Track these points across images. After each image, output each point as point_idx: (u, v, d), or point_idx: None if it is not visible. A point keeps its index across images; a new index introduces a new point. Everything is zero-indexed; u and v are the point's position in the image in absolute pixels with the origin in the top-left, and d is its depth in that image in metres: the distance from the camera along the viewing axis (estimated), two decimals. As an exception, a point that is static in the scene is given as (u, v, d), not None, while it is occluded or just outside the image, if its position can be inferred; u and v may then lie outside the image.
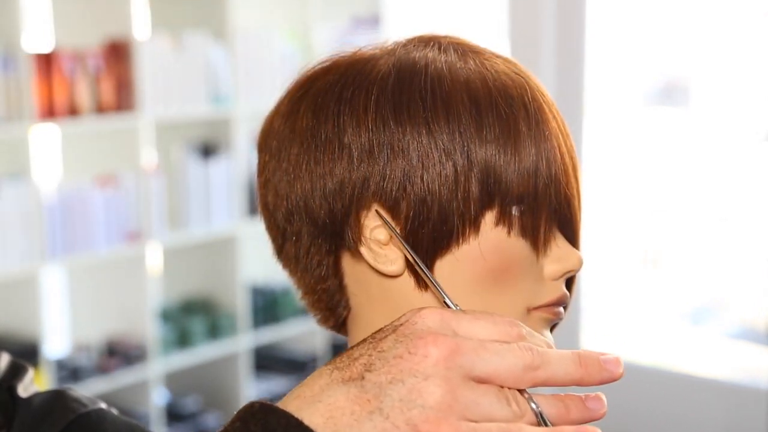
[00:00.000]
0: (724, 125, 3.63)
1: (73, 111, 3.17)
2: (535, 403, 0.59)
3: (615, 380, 0.61)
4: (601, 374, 0.61)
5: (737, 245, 3.66)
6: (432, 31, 0.80)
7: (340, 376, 0.60)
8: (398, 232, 0.72)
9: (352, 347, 0.62)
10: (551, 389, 0.62)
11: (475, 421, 0.58)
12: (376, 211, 0.73)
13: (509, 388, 0.59)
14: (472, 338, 0.60)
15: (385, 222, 0.72)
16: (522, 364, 0.59)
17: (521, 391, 0.60)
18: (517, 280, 0.74)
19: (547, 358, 0.60)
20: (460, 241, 0.72)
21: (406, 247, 0.72)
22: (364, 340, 0.62)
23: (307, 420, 0.58)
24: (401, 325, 0.61)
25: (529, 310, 0.75)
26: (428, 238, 0.72)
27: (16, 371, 0.86)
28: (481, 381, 0.59)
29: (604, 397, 0.61)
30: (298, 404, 0.59)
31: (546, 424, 0.59)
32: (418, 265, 0.71)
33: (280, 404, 0.60)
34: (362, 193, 0.73)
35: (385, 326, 0.62)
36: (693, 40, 3.65)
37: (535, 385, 0.60)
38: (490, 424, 0.58)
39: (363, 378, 0.59)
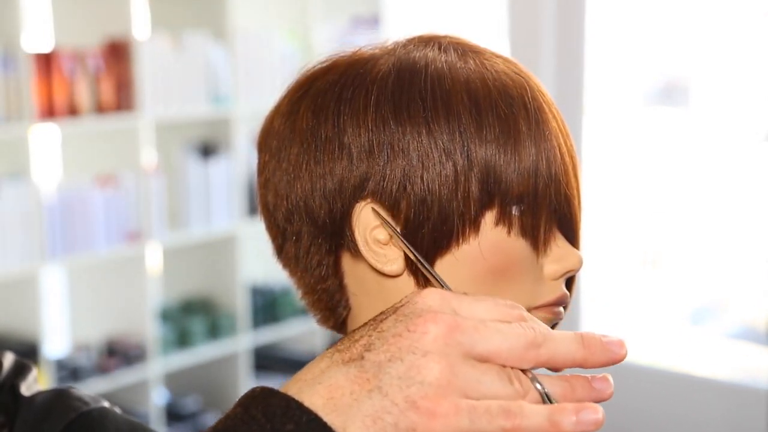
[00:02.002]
0: (724, 125, 3.63)
1: (73, 111, 3.17)
2: (539, 383, 0.59)
3: (618, 362, 0.60)
4: (605, 355, 0.60)
5: (737, 245, 3.66)
6: (432, 31, 0.80)
7: (341, 357, 0.60)
8: (394, 226, 0.72)
9: (353, 330, 0.62)
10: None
11: (476, 400, 0.57)
12: (372, 208, 0.73)
13: (512, 368, 0.59)
14: (473, 317, 0.59)
15: (381, 216, 0.73)
16: (524, 342, 0.58)
17: (525, 372, 0.59)
18: (517, 280, 0.74)
19: (550, 337, 0.59)
20: (460, 240, 0.72)
21: (401, 239, 0.72)
22: (366, 323, 0.62)
23: (308, 401, 0.58)
24: (402, 305, 0.61)
25: (529, 310, 0.75)
26: (428, 238, 0.72)
27: (19, 370, 0.86)
28: (482, 360, 0.58)
29: (611, 378, 0.60)
30: (299, 387, 0.59)
31: (551, 403, 0.58)
32: (414, 255, 0.71)
33: (282, 388, 0.60)
34: (362, 193, 0.73)
35: (387, 309, 0.62)
36: (693, 40, 3.65)
37: (537, 365, 0.59)
38: (491, 401, 0.57)
39: (363, 358, 0.59)
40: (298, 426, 0.56)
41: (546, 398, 0.58)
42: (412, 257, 0.72)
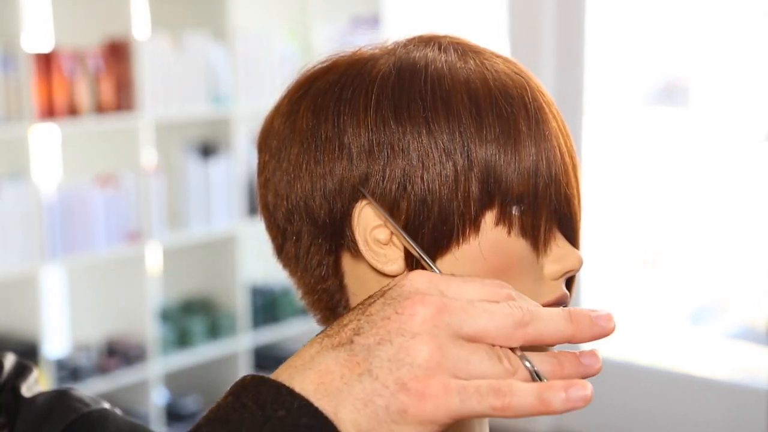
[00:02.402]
0: (724, 125, 3.63)
1: (72, 111, 3.17)
2: (528, 360, 0.59)
3: (606, 335, 0.60)
4: (593, 330, 0.60)
5: (737, 245, 3.66)
6: (432, 31, 0.80)
7: (330, 342, 0.60)
8: (393, 221, 0.72)
9: (342, 315, 0.62)
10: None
11: (466, 380, 0.57)
12: (367, 200, 0.73)
13: (500, 347, 0.59)
14: (461, 298, 0.60)
15: (376, 207, 0.73)
16: (512, 320, 0.58)
17: (513, 350, 0.59)
18: (517, 280, 0.74)
19: (538, 314, 0.59)
20: (460, 240, 0.72)
21: (401, 232, 0.72)
22: (354, 308, 0.62)
23: (298, 387, 0.58)
24: (389, 289, 0.61)
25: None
26: (428, 237, 0.72)
27: (20, 371, 0.87)
28: (470, 339, 0.58)
29: (599, 353, 0.60)
30: (289, 373, 0.59)
31: (540, 381, 0.59)
32: (415, 249, 0.71)
33: (273, 375, 0.60)
34: (362, 193, 0.73)
35: (375, 292, 0.62)
36: (693, 40, 3.65)
37: (526, 343, 0.59)
38: (481, 380, 0.57)
39: (352, 342, 0.59)
40: (289, 412, 0.56)
41: (535, 376, 0.59)
42: (408, 247, 0.72)
